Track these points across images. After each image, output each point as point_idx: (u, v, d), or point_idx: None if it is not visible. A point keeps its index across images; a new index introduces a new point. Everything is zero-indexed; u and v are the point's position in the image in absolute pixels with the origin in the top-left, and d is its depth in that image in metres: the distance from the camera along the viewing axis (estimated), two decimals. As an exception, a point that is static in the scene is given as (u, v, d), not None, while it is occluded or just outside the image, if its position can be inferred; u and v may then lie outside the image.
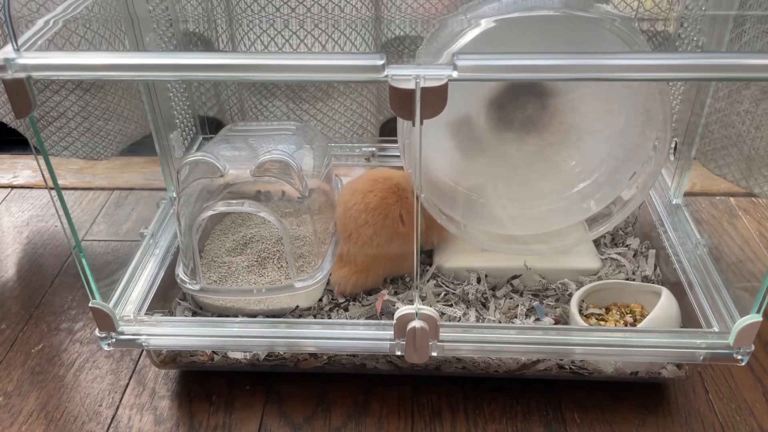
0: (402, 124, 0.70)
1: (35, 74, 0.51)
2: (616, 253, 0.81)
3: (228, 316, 0.74)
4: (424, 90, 0.48)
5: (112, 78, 0.67)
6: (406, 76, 0.48)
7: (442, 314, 0.73)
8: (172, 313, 0.75)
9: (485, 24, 0.61)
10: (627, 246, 0.83)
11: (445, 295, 0.76)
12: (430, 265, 0.79)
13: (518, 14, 0.61)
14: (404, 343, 0.63)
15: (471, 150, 0.75)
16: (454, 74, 0.49)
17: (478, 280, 0.77)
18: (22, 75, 0.50)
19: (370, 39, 0.90)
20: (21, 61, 0.50)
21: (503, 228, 0.77)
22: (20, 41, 0.52)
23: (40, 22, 0.56)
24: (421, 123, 0.50)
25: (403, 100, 0.49)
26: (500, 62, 0.49)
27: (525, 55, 0.49)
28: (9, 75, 0.50)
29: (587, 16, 0.63)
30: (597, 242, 0.82)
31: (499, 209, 0.77)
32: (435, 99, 0.49)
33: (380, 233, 0.74)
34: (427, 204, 0.71)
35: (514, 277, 0.77)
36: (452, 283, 0.77)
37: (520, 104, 0.72)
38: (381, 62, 0.48)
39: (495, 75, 0.52)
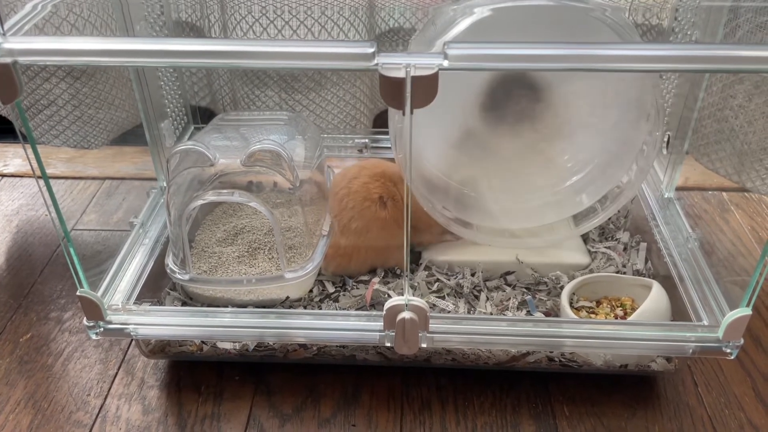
0: (393, 115, 0.69)
1: (21, 59, 0.50)
2: (605, 247, 0.81)
3: (218, 306, 0.73)
4: (414, 79, 0.48)
5: (100, 64, 0.67)
6: (396, 64, 0.48)
7: (433, 306, 0.73)
8: (161, 303, 0.75)
9: (479, 13, 0.61)
10: (617, 240, 0.82)
11: (437, 282, 0.76)
12: (420, 259, 0.79)
13: (512, 3, 0.61)
14: (394, 334, 0.63)
15: (464, 143, 0.75)
16: (445, 63, 0.48)
17: (473, 274, 0.77)
18: (8, 60, 0.50)
19: (363, 30, 0.90)
20: (7, 45, 0.50)
21: (496, 221, 0.76)
22: (7, 26, 0.52)
23: (27, 7, 0.56)
24: (411, 112, 0.50)
25: (393, 89, 0.48)
26: (492, 51, 0.49)
27: (517, 45, 0.48)
28: (-5, 60, 0.49)
29: (581, 6, 0.62)
30: (586, 236, 0.82)
31: (492, 203, 0.77)
32: (425, 88, 0.48)
33: (359, 218, 0.75)
34: (418, 194, 0.71)
35: (508, 273, 0.77)
36: (445, 274, 0.77)
37: (514, 97, 0.71)
38: (371, 50, 0.48)
39: (486, 64, 0.51)
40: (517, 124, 0.73)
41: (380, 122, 1.02)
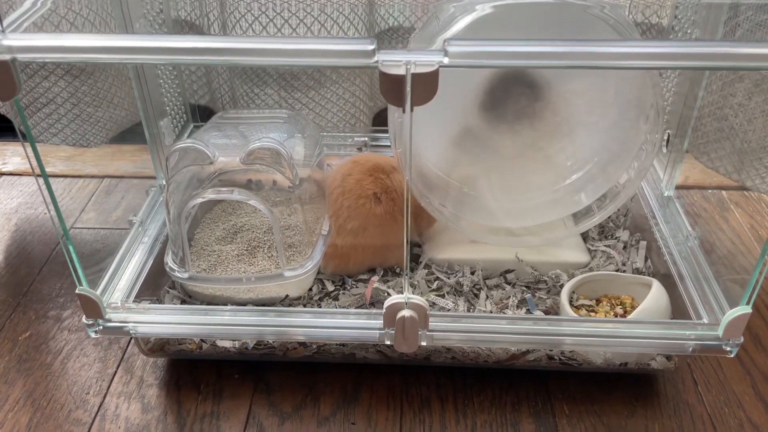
0: (393, 113, 0.69)
1: (20, 56, 0.50)
2: (605, 246, 0.81)
3: (217, 304, 0.73)
4: (414, 76, 0.48)
5: (99, 61, 0.67)
6: (396, 61, 0.48)
7: (433, 304, 0.73)
8: (160, 302, 0.75)
9: (479, 10, 0.61)
10: (616, 238, 0.82)
11: (437, 280, 0.76)
12: (420, 257, 0.79)
13: (512, 1, 0.61)
14: (393, 332, 0.63)
15: (463, 141, 0.75)
16: (445, 60, 0.48)
17: (472, 272, 0.76)
18: (7, 57, 0.49)
19: (362, 28, 0.90)
20: (6, 42, 0.49)
21: (495, 220, 0.76)
22: (6, 22, 0.52)
23: (27, 3, 0.56)
24: (411, 110, 0.49)
25: (393, 86, 0.48)
26: (492, 49, 0.48)
27: (517, 42, 0.48)
28: (-7, 57, 0.49)
29: (580, 4, 0.62)
30: (585, 235, 0.82)
31: (491, 201, 0.77)
32: (426, 85, 0.48)
33: (355, 217, 0.74)
34: (416, 191, 0.71)
35: (508, 271, 0.77)
36: (445, 272, 0.77)
37: (513, 96, 0.71)
38: (371, 47, 0.48)
39: (487, 62, 0.51)
40: (516, 122, 0.73)
41: (380, 120, 1.02)
